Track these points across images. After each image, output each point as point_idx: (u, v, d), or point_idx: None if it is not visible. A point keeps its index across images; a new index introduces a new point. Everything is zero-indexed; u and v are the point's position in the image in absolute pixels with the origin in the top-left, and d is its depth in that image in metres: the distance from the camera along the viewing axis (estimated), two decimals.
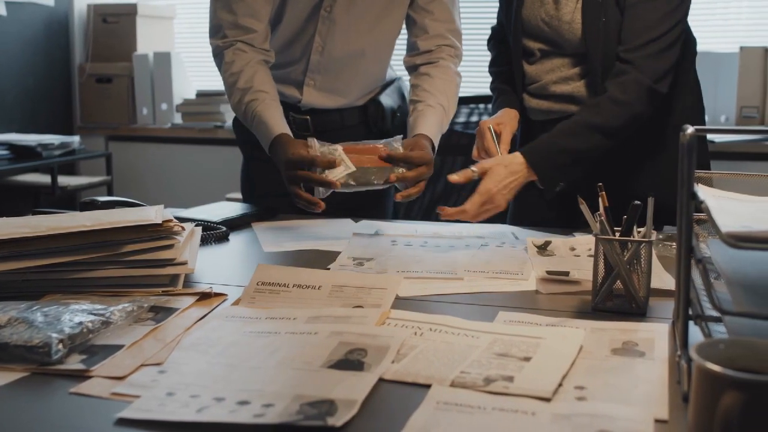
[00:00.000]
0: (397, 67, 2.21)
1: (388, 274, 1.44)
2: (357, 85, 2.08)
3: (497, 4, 2.05)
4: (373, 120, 2.11)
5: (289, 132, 1.86)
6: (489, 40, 2.11)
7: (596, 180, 1.32)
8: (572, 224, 1.86)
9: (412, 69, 2.06)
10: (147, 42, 4.54)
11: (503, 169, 1.68)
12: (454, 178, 1.69)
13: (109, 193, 4.21)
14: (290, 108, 2.06)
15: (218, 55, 1.98)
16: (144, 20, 4.54)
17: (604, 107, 1.71)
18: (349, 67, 2.03)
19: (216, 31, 1.97)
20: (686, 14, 1.76)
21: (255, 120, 1.89)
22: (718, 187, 1.12)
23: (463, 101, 2.81)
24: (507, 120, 1.88)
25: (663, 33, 1.71)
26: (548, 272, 1.42)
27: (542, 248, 1.59)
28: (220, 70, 1.99)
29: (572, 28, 1.78)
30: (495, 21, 2.10)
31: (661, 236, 1.64)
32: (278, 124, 1.86)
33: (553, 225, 1.83)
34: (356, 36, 1.99)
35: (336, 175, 1.68)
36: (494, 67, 2.09)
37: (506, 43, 2.00)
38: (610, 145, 1.72)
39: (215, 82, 4.28)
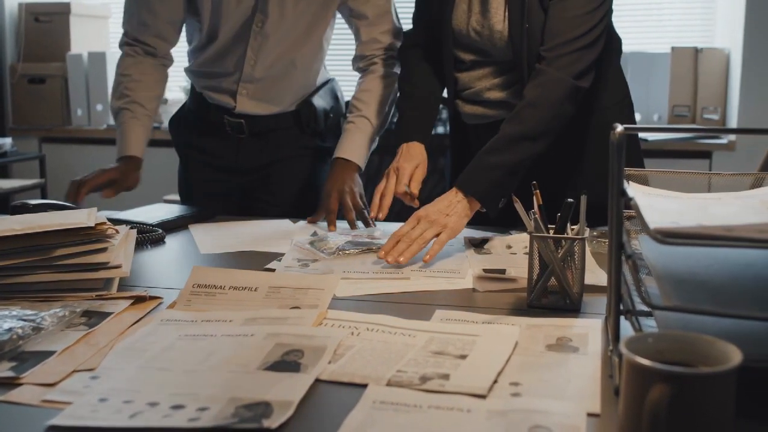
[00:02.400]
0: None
1: (334, 274, 1.44)
2: (288, 94, 2.12)
3: None
4: (306, 122, 2.14)
5: (141, 156, 2.08)
6: (402, 49, 2.03)
7: (530, 180, 1.34)
8: (509, 223, 1.88)
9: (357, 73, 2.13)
10: (81, 42, 4.45)
11: (439, 201, 1.62)
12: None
13: (43, 196, 4.12)
14: (225, 111, 2.10)
15: (120, 47, 2.12)
16: (78, 19, 4.45)
17: (524, 114, 1.66)
18: (281, 78, 2.07)
19: (128, 28, 2.09)
20: (609, 12, 1.76)
21: (120, 128, 2.08)
22: (652, 185, 1.14)
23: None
24: (421, 161, 1.84)
25: (584, 32, 1.68)
26: (485, 270, 1.43)
27: (479, 246, 1.61)
28: (120, 59, 2.12)
29: (503, 36, 1.78)
30: None
31: (595, 233, 1.66)
32: (136, 144, 2.07)
33: (490, 223, 1.85)
34: (287, 49, 2.03)
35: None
36: (403, 85, 1.98)
37: (420, 54, 1.97)
38: (540, 148, 1.69)
39: None
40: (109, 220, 1.46)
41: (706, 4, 3.93)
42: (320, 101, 2.15)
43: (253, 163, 2.15)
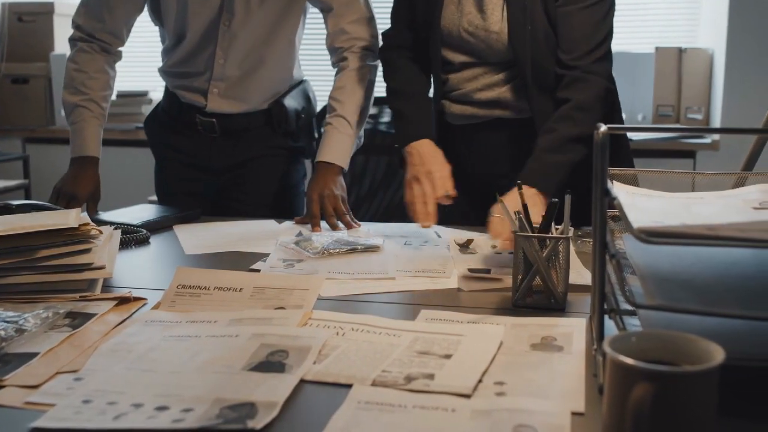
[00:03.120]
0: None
1: (319, 274, 1.44)
2: (259, 92, 2.12)
3: None
4: (277, 121, 2.15)
5: (98, 156, 2.06)
6: (384, 50, 2.02)
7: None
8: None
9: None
10: (65, 41, 4.39)
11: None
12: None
13: (27, 197, 4.09)
14: (197, 110, 2.11)
15: (73, 41, 2.12)
16: (62, 19, 4.42)
17: (578, 117, 1.70)
18: (251, 76, 2.08)
19: (82, 22, 2.11)
20: (614, 15, 1.81)
21: (78, 125, 2.05)
22: (637, 184, 1.15)
23: (386, 101, 2.82)
24: (443, 159, 1.82)
25: (604, 36, 1.75)
26: (470, 270, 1.43)
27: (464, 247, 1.61)
28: (72, 51, 2.12)
29: (500, 38, 1.78)
30: None
31: (579, 233, 1.67)
32: (95, 144, 2.06)
33: (476, 223, 1.85)
34: (256, 47, 2.04)
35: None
36: (395, 85, 1.98)
37: (406, 54, 1.98)
38: (588, 151, 1.74)
39: (136, 82, 4.21)
40: (93, 220, 1.46)
41: (690, 5, 3.94)
42: (292, 102, 2.16)
43: (225, 162, 2.16)
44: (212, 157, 2.16)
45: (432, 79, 1.94)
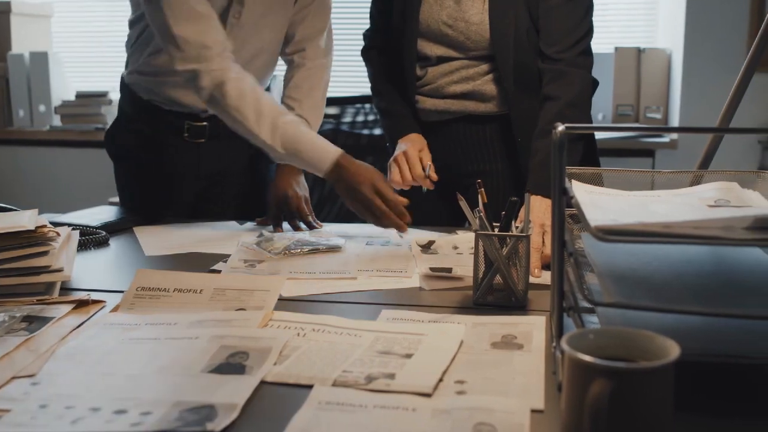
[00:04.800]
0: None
1: (280, 275, 1.43)
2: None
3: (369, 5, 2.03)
4: None
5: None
6: (365, 50, 2.05)
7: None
8: (456, 222, 1.89)
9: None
10: (22, 41, 4.36)
11: (538, 209, 1.59)
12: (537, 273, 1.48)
13: None
14: (186, 116, 2.00)
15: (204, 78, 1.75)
16: (19, 18, 4.35)
17: (568, 114, 1.71)
18: (252, 66, 1.96)
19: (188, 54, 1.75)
20: (593, 13, 1.86)
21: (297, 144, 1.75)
22: (596, 183, 1.16)
23: (348, 101, 2.82)
24: (424, 145, 1.89)
25: (586, 31, 1.79)
26: (431, 269, 1.44)
27: (426, 247, 1.61)
28: (203, 91, 1.76)
29: (480, 29, 1.79)
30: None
31: None
32: (329, 144, 1.77)
33: (437, 223, 1.86)
34: (260, 36, 1.96)
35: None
36: (378, 85, 2.02)
37: (386, 53, 1.99)
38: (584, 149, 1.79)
39: (95, 82, 4.16)
40: (51, 222, 1.44)
41: (649, 6, 3.99)
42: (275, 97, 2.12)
43: (211, 167, 2.07)
44: (199, 163, 2.05)
45: (405, 76, 1.93)
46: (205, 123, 2.01)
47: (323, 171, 1.73)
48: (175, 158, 2.04)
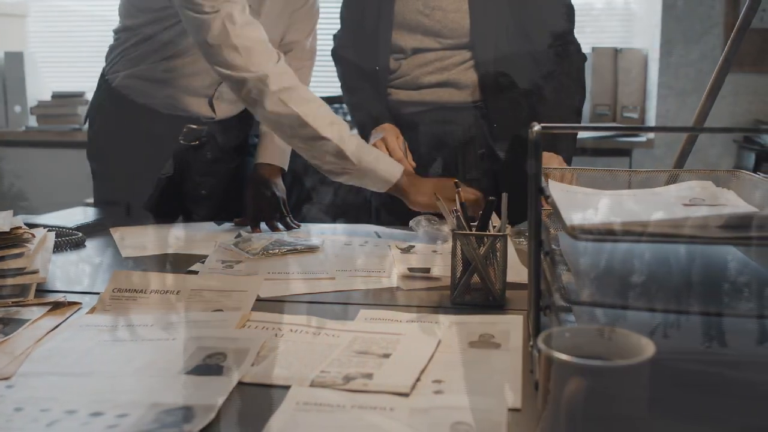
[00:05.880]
0: None
1: (258, 275, 1.43)
2: None
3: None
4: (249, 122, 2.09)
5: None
6: (335, 51, 2.05)
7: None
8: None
9: None
10: (3, 41, 4.33)
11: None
12: None
13: None
14: (185, 120, 1.99)
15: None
16: (2, 19, 4.32)
17: (570, 87, 1.85)
18: None
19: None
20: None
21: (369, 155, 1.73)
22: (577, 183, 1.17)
23: (328, 102, 2.82)
24: (399, 134, 1.90)
25: (573, 20, 1.90)
26: (410, 269, 1.44)
27: (406, 250, 1.61)
28: (271, 96, 1.67)
29: (458, 17, 1.80)
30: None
31: (523, 229, 1.69)
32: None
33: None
34: (276, 31, 1.95)
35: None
36: (350, 82, 2.02)
37: (358, 50, 1.98)
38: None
39: (72, 83, 4.13)
40: (26, 224, 1.43)
41: (625, 6, 4.02)
42: None
43: (204, 169, 2.07)
44: (192, 167, 2.04)
45: (379, 69, 1.93)
46: (204, 127, 2.01)
47: (392, 183, 1.74)
48: (165, 160, 2.03)
